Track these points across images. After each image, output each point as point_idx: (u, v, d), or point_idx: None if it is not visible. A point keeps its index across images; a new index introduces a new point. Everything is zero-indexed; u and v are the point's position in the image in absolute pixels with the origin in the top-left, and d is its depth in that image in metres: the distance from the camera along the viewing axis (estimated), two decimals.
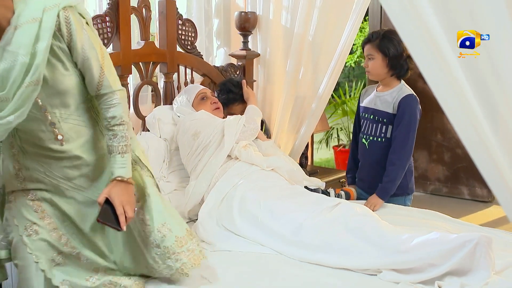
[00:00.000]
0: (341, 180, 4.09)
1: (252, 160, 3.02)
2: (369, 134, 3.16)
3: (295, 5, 3.61)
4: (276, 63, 3.76)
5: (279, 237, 2.59)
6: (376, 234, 2.42)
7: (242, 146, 3.07)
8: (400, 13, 1.54)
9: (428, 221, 2.84)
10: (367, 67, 3.12)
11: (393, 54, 3.01)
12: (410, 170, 3.15)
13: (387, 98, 3.09)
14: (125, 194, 2.05)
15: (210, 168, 2.97)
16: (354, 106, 6.28)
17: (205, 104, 3.26)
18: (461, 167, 5.40)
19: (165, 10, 3.32)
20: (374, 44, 3.05)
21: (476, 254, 2.16)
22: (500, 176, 1.57)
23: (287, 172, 3.11)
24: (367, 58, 3.11)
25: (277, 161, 3.13)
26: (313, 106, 3.74)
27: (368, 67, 3.11)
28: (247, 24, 3.69)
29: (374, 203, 3.03)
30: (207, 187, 2.94)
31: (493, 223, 4.63)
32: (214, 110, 3.26)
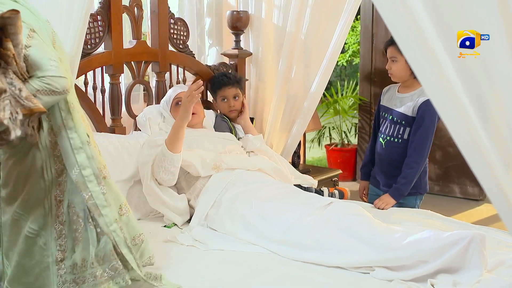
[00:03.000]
0: (333, 179, 4.10)
1: (234, 165, 3.01)
2: (387, 134, 3.17)
3: (287, 4, 3.61)
4: (268, 62, 3.76)
5: (271, 240, 2.59)
6: (368, 233, 2.42)
7: (222, 153, 3.06)
8: (392, 13, 1.54)
9: (420, 219, 2.85)
10: (390, 69, 3.11)
11: None
12: (425, 170, 3.16)
13: (408, 101, 3.09)
14: None
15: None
16: (346, 105, 6.29)
17: (178, 110, 3.10)
18: (453, 166, 5.43)
19: (157, 9, 3.32)
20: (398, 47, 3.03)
21: (469, 252, 2.17)
22: (493, 175, 1.58)
23: (273, 170, 3.10)
24: (390, 60, 3.10)
25: (260, 161, 3.12)
26: (305, 105, 3.75)
27: (391, 69, 3.10)
28: (239, 23, 3.69)
29: (387, 202, 3.06)
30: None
31: (484, 221, 4.66)
32: None
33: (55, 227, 2.04)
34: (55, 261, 2.04)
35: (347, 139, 6.34)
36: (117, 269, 2.10)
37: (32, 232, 2.05)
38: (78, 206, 2.06)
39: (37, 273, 2.07)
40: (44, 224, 2.05)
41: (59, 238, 2.04)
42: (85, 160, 2.01)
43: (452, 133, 1.60)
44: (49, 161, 2.02)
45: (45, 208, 2.04)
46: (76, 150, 2.00)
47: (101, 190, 2.04)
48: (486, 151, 1.55)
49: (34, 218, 2.04)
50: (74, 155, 2.00)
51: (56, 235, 2.04)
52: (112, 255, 2.09)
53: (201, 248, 2.62)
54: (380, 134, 3.23)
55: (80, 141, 2.01)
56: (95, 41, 3.01)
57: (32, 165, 2.02)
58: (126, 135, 3.24)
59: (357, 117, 6.09)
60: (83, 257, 2.06)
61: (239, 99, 3.44)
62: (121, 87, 3.25)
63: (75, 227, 2.06)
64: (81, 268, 2.05)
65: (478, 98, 1.52)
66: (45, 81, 1.84)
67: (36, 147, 2.00)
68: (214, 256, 2.54)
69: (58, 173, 2.04)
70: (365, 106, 5.90)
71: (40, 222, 2.04)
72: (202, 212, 2.85)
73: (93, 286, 2.06)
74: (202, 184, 2.95)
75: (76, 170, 2.00)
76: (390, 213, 2.97)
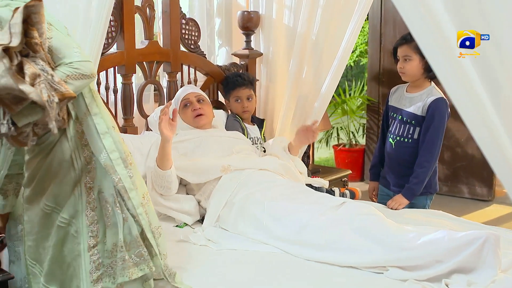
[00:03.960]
0: (343, 179, 4.10)
1: (242, 165, 3.01)
2: (396, 134, 3.16)
3: (298, 5, 3.62)
4: (278, 62, 3.77)
5: (283, 240, 2.60)
6: (381, 232, 2.42)
7: (229, 154, 3.07)
8: (411, 11, 1.55)
9: (432, 219, 2.85)
10: (402, 68, 3.08)
11: None
12: (435, 170, 3.15)
13: (417, 100, 3.08)
14: None
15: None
16: (354, 105, 6.29)
17: (186, 112, 3.18)
18: (461, 166, 5.42)
19: (169, 9, 3.33)
20: (412, 45, 3.01)
21: (484, 252, 2.17)
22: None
23: (282, 168, 3.11)
24: (403, 59, 3.07)
25: (269, 160, 3.12)
26: (315, 105, 3.75)
27: (404, 68, 3.07)
28: (250, 24, 3.70)
29: (399, 202, 3.06)
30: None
31: (493, 221, 4.65)
32: (195, 118, 3.17)
33: (86, 213, 2.07)
34: (87, 248, 2.06)
35: (355, 139, 6.34)
36: (142, 256, 2.11)
37: (63, 221, 2.08)
38: (107, 191, 2.08)
39: (68, 262, 2.10)
40: (75, 213, 2.07)
41: (91, 225, 2.06)
42: (112, 144, 2.05)
43: (471, 130, 1.60)
44: (77, 150, 2.06)
45: (76, 196, 2.08)
46: (103, 135, 2.04)
47: (128, 174, 2.08)
48: (505, 149, 1.55)
49: (65, 208, 2.08)
50: (101, 140, 2.04)
51: (88, 222, 2.06)
52: (138, 241, 2.10)
53: (214, 248, 2.62)
54: (390, 135, 3.22)
55: (105, 126, 2.05)
56: (108, 41, 3.03)
57: (61, 157, 2.05)
58: (138, 135, 3.25)
59: (365, 117, 6.09)
60: (114, 241, 2.08)
61: (252, 100, 3.46)
62: (132, 87, 3.25)
63: (105, 212, 2.08)
64: (112, 252, 2.07)
65: (497, 95, 1.52)
66: (73, 66, 1.89)
67: (64, 139, 2.04)
68: (227, 255, 2.55)
69: (87, 160, 2.07)
70: (373, 106, 5.90)
71: (71, 211, 2.08)
72: (214, 213, 2.85)
73: (122, 269, 2.07)
74: (213, 186, 2.95)
75: (104, 155, 2.04)
76: (402, 213, 2.96)
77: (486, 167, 5.20)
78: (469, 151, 5.32)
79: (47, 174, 2.08)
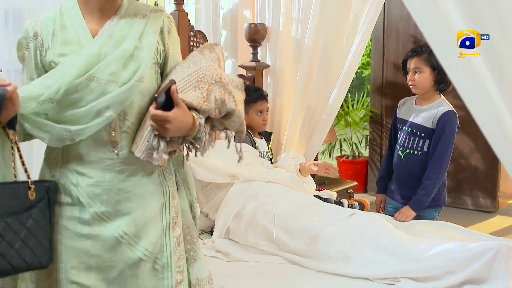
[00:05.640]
0: (348, 191, 4.10)
1: (250, 176, 3.02)
2: (406, 147, 3.17)
3: (305, 17, 3.64)
4: (285, 74, 3.78)
5: (294, 251, 2.60)
6: (392, 243, 2.43)
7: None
8: (423, 12, 1.56)
9: (441, 231, 2.85)
10: (412, 80, 3.09)
11: (442, 67, 3.01)
12: (443, 182, 3.16)
13: (426, 113, 3.09)
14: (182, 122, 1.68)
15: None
16: (357, 117, 6.31)
17: None
18: (464, 178, 5.43)
19: (177, 21, 3.34)
20: (423, 58, 3.03)
21: (496, 263, 2.18)
22: None
23: (291, 180, 3.11)
24: (413, 71, 3.08)
25: (277, 173, 3.13)
26: (323, 117, 3.77)
27: (415, 80, 3.08)
28: (257, 36, 3.72)
29: (407, 214, 3.06)
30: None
31: (498, 233, 4.65)
32: None
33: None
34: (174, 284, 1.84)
35: (358, 151, 6.35)
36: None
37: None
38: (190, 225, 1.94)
39: None
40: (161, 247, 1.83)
41: (178, 260, 1.86)
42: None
43: (485, 132, 1.60)
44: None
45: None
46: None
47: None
48: None
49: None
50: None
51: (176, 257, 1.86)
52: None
53: (224, 260, 2.63)
54: (398, 147, 3.23)
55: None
56: None
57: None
58: None
59: (368, 129, 6.10)
60: (197, 276, 1.93)
61: (268, 113, 3.50)
62: None
63: (188, 246, 1.91)
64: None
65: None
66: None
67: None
68: (237, 267, 2.56)
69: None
70: (376, 118, 5.91)
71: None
72: (223, 225, 2.86)
73: None
74: (221, 198, 2.96)
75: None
76: (411, 225, 2.97)
77: (489, 178, 5.26)
78: (473, 163, 5.34)
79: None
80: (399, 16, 5.53)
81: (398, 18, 5.54)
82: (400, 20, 5.54)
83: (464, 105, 1.59)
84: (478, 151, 5.25)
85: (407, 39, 5.51)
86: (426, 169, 3.07)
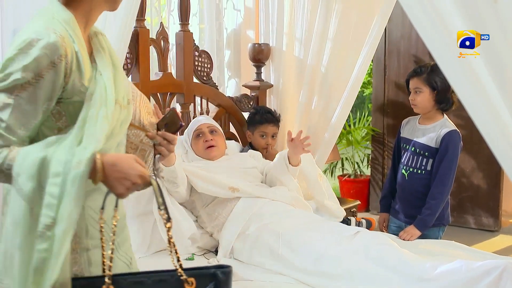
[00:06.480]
0: (352, 210, 4.11)
1: (250, 191, 3.01)
2: (409, 166, 3.18)
3: (308, 37, 3.68)
4: (289, 93, 3.81)
5: (300, 270, 2.60)
6: (398, 262, 2.43)
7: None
8: (420, 13, 1.58)
9: (446, 250, 2.85)
10: (413, 100, 3.12)
11: (441, 87, 3.03)
12: (447, 201, 3.17)
13: (430, 132, 3.11)
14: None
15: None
16: (358, 136, 6.32)
17: (198, 143, 3.18)
18: (467, 197, 5.43)
19: (182, 41, 3.38)
20: (422, 78, 3.07)
21: (502, 281, 2.18)
22: None
23: (293, 200, 3.11)
24: (414, 92, 3.12)
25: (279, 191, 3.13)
26: (326, 135, 3.78)
27: (415, 100, 3.11)
28: (261, 56, 3.76)
29: (412, 233, 3.06)
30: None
31: (501, 252, 4.63)
32: (206, 149, 3.16)
33: None
34: None
35: (360, 170, 6.35)
36: None
37: None
38: None
39: None
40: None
41: None
42: None
43: (485, 135, 1.60)
44: None
45: None
46: None
47: None
48: None
49: None
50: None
51: None
52: None
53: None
54: (402, 166, 3.24)
55: None
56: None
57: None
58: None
59: (370, 148, 6.11)
60: None
61: (275, 138, 3.51)
62: None
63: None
64: None
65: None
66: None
67: None
68: (243, 287, 2.54)
69: None
70: (378, 137, 5.93)
71: None
72: (227, 245, 2.85)
73: None
74: (224, 217, 2.95)
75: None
76: (416, 244, 2.97)
77: (492, 197, 5.27)
78: (475, 182, 5.34)
79: None
80: (400, 36, 5.58)
81: (399, 38, 5.59)
82: (401, 40, 5.58)
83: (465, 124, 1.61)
84: (480, 170, 5.25)
85: (408, 58, 5.55)
86: (430, 189, 3.08)
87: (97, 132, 1.47)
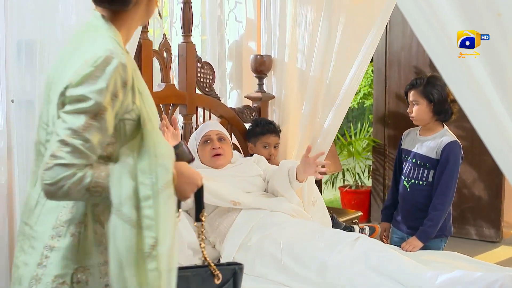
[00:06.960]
0: (354, 221, 4.11)
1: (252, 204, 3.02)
2: (411, 177, 3.19)
3: (310, 49, 3.69)
4: (291, 104, 3.81)
5: (304, 280, 2.60)
6: (400, 272, 2.44)
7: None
8: (418, 14, 1.59)
9: (447, 260, 2.86)
10: (411, 113, 3.15)
11: (438, 99, 3.06)
12: (449, 212, 3.19)
13: (430, 143, 3.13)
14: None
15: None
16: (359, 147, 6.34)
17: (205, 149, 3.17)
18: (468, 208, 5.43)
19: (185, 53, 3.39)
20: (419, 90, 3.10)
21: None
22: None
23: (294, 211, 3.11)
24: (411, 104, 3.15)
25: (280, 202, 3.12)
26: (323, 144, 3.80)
27: (413, 113, 3.14)
28: (263, 67, 3.77)
29: (414, 244, 3.07)
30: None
31: (502, 263, 4.62)
32: (212, 157, 3.16)
33: None
34: None
35: (361, 181, 6.36)
36: None
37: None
38: None
39: None
40: None
41: None
42: None
43: (483, 136, 1.60)
44: None
45: None
46: None
47: None
48: None
49: None
50: None
51: None
52: None
53: None
54: (403, 177, 3.25)
55: None
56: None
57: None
58: None
59: (371, 159, 6.13)
60: None
61: (277, 149, 3.54)
62: None
63: None
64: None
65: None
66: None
67: None
68: None
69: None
70: (379, 148, 5.94)
71: None
72: (229, 256, 2.85)
73: None
74: (226, 228, 2.95)
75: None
76: (418, 255, 2.98)
77: (493, 208, 5.27)
78: (476, 192, 5.35)
79: None
80: (400, 47, 5.61)
81: (400, 49, 5.62)
82: (401, 51, 5.61)
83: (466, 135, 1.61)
84: (481, 180, 5.26)
85: (408, 69, 5.58)
86: (432, 200, 3.09)
87: (166, 150, 1.57)
